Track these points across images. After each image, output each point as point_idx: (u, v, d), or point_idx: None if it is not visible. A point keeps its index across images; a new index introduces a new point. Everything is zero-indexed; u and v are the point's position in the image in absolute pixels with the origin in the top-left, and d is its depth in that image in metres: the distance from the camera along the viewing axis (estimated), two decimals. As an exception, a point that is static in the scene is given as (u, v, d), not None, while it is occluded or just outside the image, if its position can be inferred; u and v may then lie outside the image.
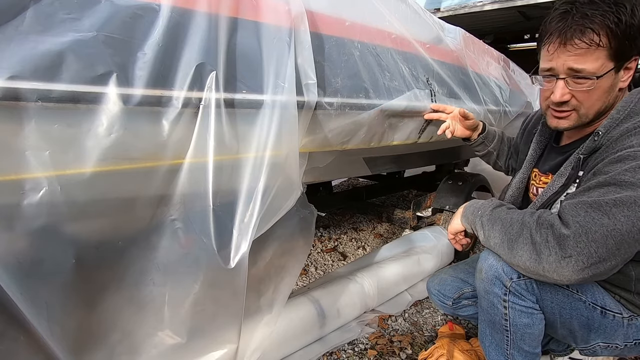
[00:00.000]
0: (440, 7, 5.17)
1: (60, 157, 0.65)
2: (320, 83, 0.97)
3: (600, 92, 0.89)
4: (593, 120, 0.95)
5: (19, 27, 0.58)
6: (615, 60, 0.86)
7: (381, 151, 1.50)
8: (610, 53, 0.85)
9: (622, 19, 0.81)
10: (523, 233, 0.85)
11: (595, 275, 0.78)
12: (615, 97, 0.92)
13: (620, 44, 0.84)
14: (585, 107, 0.92)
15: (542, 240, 0.81)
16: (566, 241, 0.78)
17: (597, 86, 0.88)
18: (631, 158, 0.79)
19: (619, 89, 0.91)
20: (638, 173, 0.77)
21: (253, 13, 0.86)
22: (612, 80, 0.89)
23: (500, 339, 0.99)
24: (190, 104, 0.76)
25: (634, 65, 0.89)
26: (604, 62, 0.86)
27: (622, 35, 0.83)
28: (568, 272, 0.78)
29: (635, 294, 0.92)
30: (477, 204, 1.03)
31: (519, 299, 0.92)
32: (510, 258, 0.88)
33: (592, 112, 0.92)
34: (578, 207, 0.80)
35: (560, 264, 0.78)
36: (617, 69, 0.88)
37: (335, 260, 2.26)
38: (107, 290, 0.79)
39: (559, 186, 0.95)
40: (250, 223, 0.84)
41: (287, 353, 1.32)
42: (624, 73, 0.90)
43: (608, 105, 0.92)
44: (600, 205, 0.77)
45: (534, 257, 0.82)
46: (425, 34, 1.49)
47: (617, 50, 0.85)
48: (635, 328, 0.94)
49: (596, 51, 0.85)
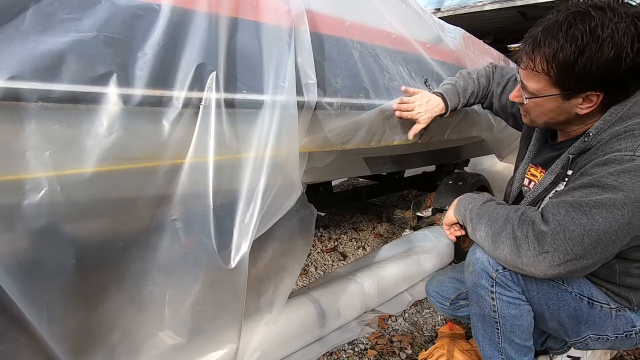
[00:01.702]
0: (441, 7, 5.17)
1: (61, 157, 0.65)
2: (320, 83, 0.97)
3: (543, 109, 0.93)
4: (551, 127, 1.02)
5: (20, 27, 0.58)
6: (559, 88, 0.86)
7: (381, 151, 1.50)
8: (551, 81, 0.86)
9: (567, 55, 0.80)
10: (506, 228, 0.88)
11: (571, 271, 0.82)
12: (574, 118, 0.92)
13: (560, 77, 0.84)
14: (532, 115, 0.98)
15: (523, 236, 0.85)
16: (544, 237, 0.81)
17: (538, 103, 0.92)
18: (617, 162, 0.81)
19: (577, 113, 0.89)
20: (621, 177, 0.79)
21: (253, 13, 0.86)
22: (558, 103, 0.89)
23: (491, 332, 1.02)
24: (190, 104, 0.76)
25: (595, 99, 0.85)
26: (545, 85, 0.88)
27: (560, 69, 0.82)
28: (544, 266, 0.82)
29: (620, 286, 0.94)
30: (469, 198, 1.06)
31: (506, 289, 0.95)
32: (493, 251, 0.91)
33: (540, 122, 0.98)
34: (559, 206, 0.83)
35: (537, 258, 0.82)
36: (566, 96, 0.87)
37: (335, 260, 2.26)
38: (107, 290, 0.79)
39: (548, 183, 0.98)
40: (251, 223, 0.84)
41: (287, 353, 1.32)
42: (583, 102, 0.87)
43: (563, 121, 0.94)
44: (581, 205, 0.80)
45: (514, 251, 0.86)
46: (425, 34, 1.49)
47: (557, 81, 0.85)
48: (624, 319, 0.96)
49: (536, 75, 0.88)
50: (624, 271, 0.92)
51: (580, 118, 0.92)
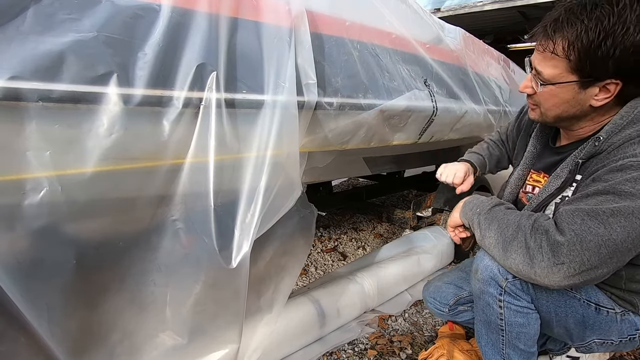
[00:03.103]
0: (441, 7, 5.17)
1: (61, 157, 0.64)
2: (320, 83, 0.97)
3: (557, 100, 0.89)
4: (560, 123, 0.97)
5: (20, 27, 0.58)
6: (577, 74, 0.82)
7: (381, 151, 1.51)
8: (571, 66, 0.82)
9: (591, 36, 0.77)
10: (518, 236, 0.85)
11: (586, 281, 0.79)
12: (587, 112, 0.89)
13: (581, 60, 0.80)
14: (543, 108, 0.93)
15: (536, 246, 0.81)
16: (560, 248, 0.78)
17: (553, 93, 0.88)
18: (633, 168, 0.78)
19: (591, 106, 0.86)
20: (638, 184, 0.76)
21: (253, 13, 0.86)
22: (573, 93, 0.85)
23: (496, 339, 1.00)
24: (190, 104, 0.76)
25: (612, 88, 0.82)
26: (562, 72, 0.84)
27: (583, 52, 0.79)
28: (559, 277, 0.79)
29: (626, 291, 0.93)
30: (476, 201, 1.03)
31: (514, 299, 0.93)
32: (504, 260, 0.88)
33: (551, 115, 0.93)
34: (575, 215, 0.79)
35: (552, 270, 0.79)
36: (584, 84, 0.83)
37: (335, 260, 2.26)
38: (107, 291, 0.79)
39: (554, 188, 0.95)
40: (252, 223, 0.84)
41: (287, 353, 1.32)
42: (600, 92, 0.83)
43: (574, 116, 0.91)
44: (597, 214, 0.77)
45: (527, 261, 0.82)
46: (425, 34, 1.49)
47: (578, 66, 0.81)
48: (629, 323, 0.95)
49: (554, 59, 0.84)
50: (630, 277, 0.91)
51: (592, 113, 0.89)
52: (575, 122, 0.93)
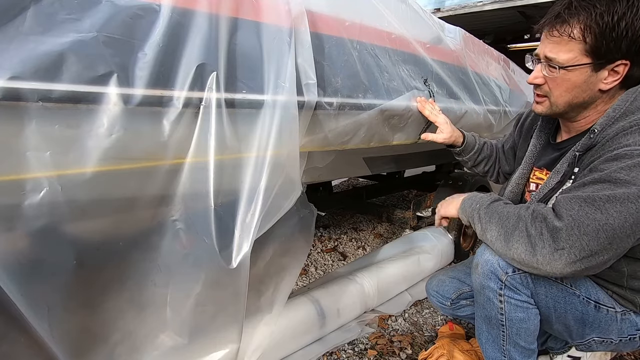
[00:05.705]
0: (441, 7, 5.17)
1: (61, 158, 0.64)
2: (320, 83, 0.97)
3: (569, 84, 0.91)
4: (568, 113, 0.99)
5: (20, 27, 0.58)
6: (592, 57, 0.86)
7: (381, 151, 1.51)
8: (586, 48, 0.86)
9: (606, 19, 0.82)
10: (519, 226, 0.87)
11: (587, 268, 0.80)
12: (595, 97, 0.93)
13: (597, 41, 0.84)
14: (554, 96, 0.96)
15: (537, 233, 0.83)
16: (559, 233, 0.80)
17: (566, 78, 0.91)
18: (627, 157, 0.81)
19: (600, 90, 0.91)
20: (633, 171, 0.79)
21: (253, 13, 0.86)
22: (586, 76, 0.89)
23: (496, 335, 1.01)
24: (190, 104, 0.76)
25: (621, 69, 0.87)
26: (576, 55, 0.88)
27: (599, 33, 0.83)
28: (561, 264, 0.80)
29: (628, 289, 0.93)
30: (475, 198, 1.04)
31: (515, 293, 0.94)
32: (506, 251, 0.89)
33: (561, 102, 0.95)
34: (572, 201, 0.82)
35: (553, 256, 0.80)
36: (596, 67, 0.88)
37: (335, 260, 2.26)
38: (108, 291, 0.79)
39: (555, 182, 0.97)
40: (252, 223, 0.84)
41: (287, 353, 1.32)
42: (609, 75, 0.88)
43: (583, 102, 0.94)
44: (594, 200, 0.79)
45: (529, 249, 0.84)
46: (425, 34, 1.49)
47: (593, 47, 0.85)
48: (629, 323, 0.95)
49: (569, 43, 0.87)
50: (631, 274, 0.92)
51: (599, 99, 0.92)
52: (583, 110, 0.96)
